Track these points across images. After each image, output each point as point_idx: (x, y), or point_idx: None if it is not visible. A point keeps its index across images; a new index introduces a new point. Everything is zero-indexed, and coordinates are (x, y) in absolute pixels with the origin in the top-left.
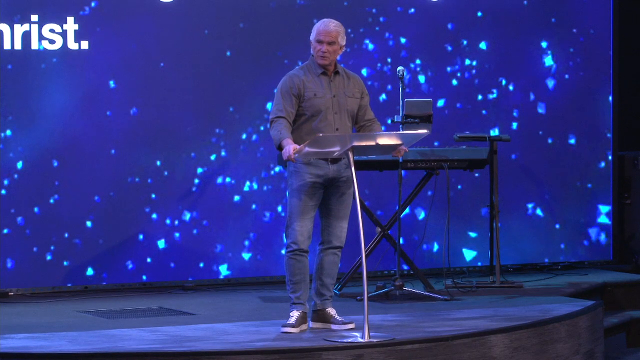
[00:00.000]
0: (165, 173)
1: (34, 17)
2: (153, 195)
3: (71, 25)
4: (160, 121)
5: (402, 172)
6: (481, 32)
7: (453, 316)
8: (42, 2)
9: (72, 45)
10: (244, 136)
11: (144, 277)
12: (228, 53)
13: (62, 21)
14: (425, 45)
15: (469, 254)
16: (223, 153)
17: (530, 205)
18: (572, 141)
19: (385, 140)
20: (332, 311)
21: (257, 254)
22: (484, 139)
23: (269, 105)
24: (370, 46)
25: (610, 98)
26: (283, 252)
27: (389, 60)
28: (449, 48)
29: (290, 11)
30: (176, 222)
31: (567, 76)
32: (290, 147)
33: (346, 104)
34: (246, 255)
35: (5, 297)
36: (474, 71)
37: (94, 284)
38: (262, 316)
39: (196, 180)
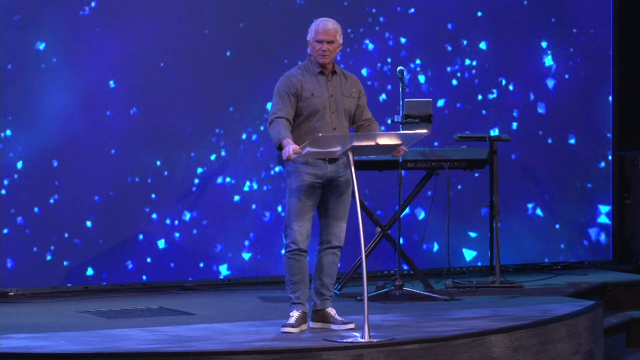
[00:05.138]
0: (165, 173)
1: (34, 17)
2: (153, 195)
3: (71, 25)
4: (160, 121)
5: (402, 172)
6: (481, 32)
7: (453, 316)
8: (42, 2)
9: (72, 45)
10: (244, 136)
11: (144, 277)
12: (228, 53)
13: (62, 21)
14: (425, 45)
15: (469, 254)
16: (223, 153)
17: (530, 205)
18: (572, 141)
19: (385, 140)
20: (332, 311)
21: (257, 254)
22: (484, 139)
23: (268, 105)
24: (370, 46)
25: (610, 98)
26: (283, 252)
27: (389, 60)
28: (449, 48)
29: (290, 11)
30: (176, 222)
31: (567, 76)
32: (289, 148)
33: (343, 104)
34: (246, 255)
35: (5, 297)
36: (474, 71)
37: (94, 284)
38: (262, 316)
39: (196, 180)
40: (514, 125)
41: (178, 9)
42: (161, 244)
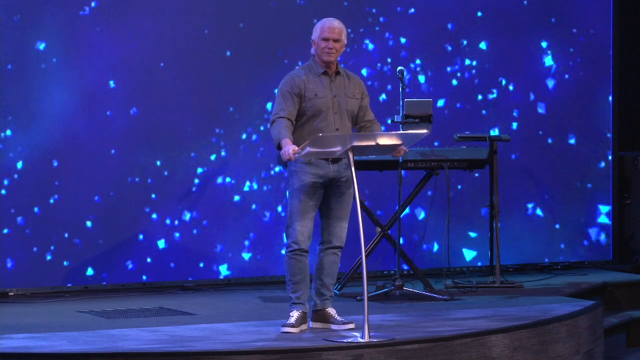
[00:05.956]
0: (165, 173)
1: (34, 17)
2: (153, 195)
3: (71, 25)
4: (160, 121)
5: (402, 172)
6: (481, 32)
7: (453, 316)
8: (41, 1)
9: (72, 45)
10: (244, 136)
11: (144, 277)
12: (228, 53)
13: (62, 21)
14: (425, 45)
15: (469, 254)
16: (223, 153)
17: (530, 205)
18: (572, 141)
19: (385, 140)
20: (332, 311)
21: (257, 254)
22: (484, 139)
23: (269, 105)
24: (370, 46)
25: (610, 98)
26: (283, 252)
27: (389, 60)
28: (449, 48)
29: (290, 11)
30: (176, 222)
31: (567, 76)
32: (289, 148)
33: (347, 105)
34: (246, 255)
35: (5, 297)
36: (474, 71)
37: (94, 284)
38: (262, 316)
39: (196, 180)
40: (514, 125)
41: (178, 9)
42: (161, 244)
